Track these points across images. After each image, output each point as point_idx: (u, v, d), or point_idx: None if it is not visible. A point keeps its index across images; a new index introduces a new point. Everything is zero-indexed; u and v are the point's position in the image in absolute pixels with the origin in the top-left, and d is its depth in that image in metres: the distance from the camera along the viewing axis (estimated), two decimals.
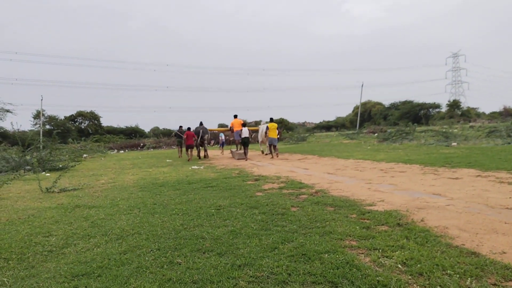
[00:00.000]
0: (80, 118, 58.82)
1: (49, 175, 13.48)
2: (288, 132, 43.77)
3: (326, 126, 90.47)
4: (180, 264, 3.42)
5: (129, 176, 11.69)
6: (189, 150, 18.79)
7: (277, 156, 17.49)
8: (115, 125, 61.66)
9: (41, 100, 40.93)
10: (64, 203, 7.11)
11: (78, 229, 4.98)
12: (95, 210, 6.30)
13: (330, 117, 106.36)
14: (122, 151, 36.22)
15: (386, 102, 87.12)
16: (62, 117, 54.53)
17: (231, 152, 20.51)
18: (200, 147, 19.53)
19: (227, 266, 3.28)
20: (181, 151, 21.53)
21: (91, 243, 4.31)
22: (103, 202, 7.00)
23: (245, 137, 17.97)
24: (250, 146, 19.49)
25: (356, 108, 77.39)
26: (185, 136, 18.92)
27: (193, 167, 13.93)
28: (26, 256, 3.92)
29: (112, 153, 33.44)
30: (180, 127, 21.60)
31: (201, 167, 13.67)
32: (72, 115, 57.94)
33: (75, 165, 16.32)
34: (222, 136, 25.57)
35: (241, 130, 18.28)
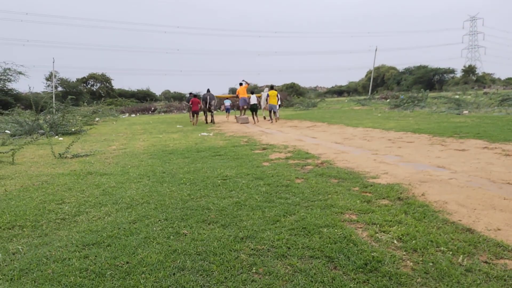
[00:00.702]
0: (91, 80, 59.04)
1: (62, 139, 13.75)
2: (299, 98, 43.39)
3: (338, 91, 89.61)
4: (185, 235, 3.58)
5: (140, 142, 11.89)
6: (195, 115, 19.44)
7: (276, 121, 18.25)
8: (126, 88, 61.90)
9: (53, 62, 41.10)
10: (76, 170, 7.31)
11: (90, 197, 5.16)
12: (106, 177, 6.48)
13: (343, 82, 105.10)
14: (134, 115, 36.49)
15: (400, 67, 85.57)
16: (74, 79, 54.83)
17: (236, 117, 21.52)
18: (208, 113, 20.21)
19: (230, 238, 3.43)
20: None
21: (102, 211, 4.48)
22: (114, 170, 7.19)
23: (253, 104, 18.26)
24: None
25: (369, 72, 76.05)
26: (190, 103, 19.49)
27: (202, 133, 14.07)
28: (40, 223, 4.11)
29: (123, 117, 33.70)
30: (190, 93, 22.07)
31: (210, 134, 13.80)
32: (84, 77, 58.11)
33: (87, 130, 16.63)
34: (227, 103, 25.66)
35: (249, 97, 18.74)
